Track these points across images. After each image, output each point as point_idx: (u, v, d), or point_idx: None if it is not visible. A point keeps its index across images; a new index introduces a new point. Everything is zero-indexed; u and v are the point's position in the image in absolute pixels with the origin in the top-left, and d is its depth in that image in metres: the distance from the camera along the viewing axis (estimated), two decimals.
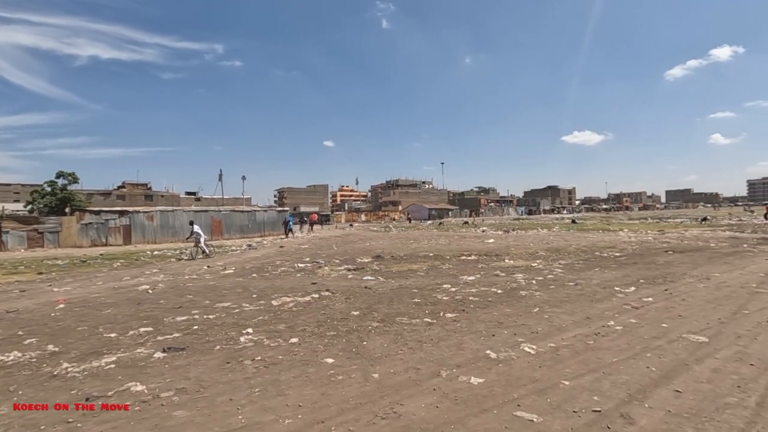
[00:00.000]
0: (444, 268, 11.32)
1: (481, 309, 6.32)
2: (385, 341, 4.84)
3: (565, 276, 9.28)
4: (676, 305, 6.24)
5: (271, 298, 7.76)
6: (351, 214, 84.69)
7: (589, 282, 8.39)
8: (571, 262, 11.81)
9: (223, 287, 9.23)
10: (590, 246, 16.38)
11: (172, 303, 7.60)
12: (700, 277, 8.58)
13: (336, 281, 9.67)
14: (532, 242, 19.10)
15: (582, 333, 4.96)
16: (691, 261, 11.18)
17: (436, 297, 7.35)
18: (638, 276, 8.95)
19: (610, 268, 10.26)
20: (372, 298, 7.47)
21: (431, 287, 8.35)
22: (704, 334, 4.80)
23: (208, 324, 5.94)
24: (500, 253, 14.73)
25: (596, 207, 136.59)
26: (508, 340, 4.75)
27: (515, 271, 10.37)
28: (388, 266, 12.19)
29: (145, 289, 9.16)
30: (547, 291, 7.61)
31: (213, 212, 31.06)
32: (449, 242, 21.02)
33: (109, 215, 26.15)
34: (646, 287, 7.73)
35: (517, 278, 9.09)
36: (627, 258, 12.26)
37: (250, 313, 6.59)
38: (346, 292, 8.23)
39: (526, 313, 5.98)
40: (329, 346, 4.72)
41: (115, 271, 13.06)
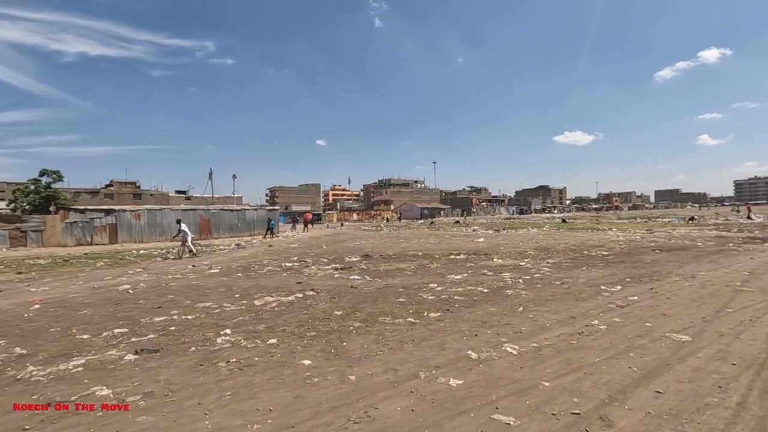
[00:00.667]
0: (432, 267, 11.24)
1: (466, 308, 6.23)
2: (366, 342, 4.73)
3: (552, 275, 9.25)
4: (661, 304, 6.22)
5: (254, 297, 7.61)
6: (343, 214, 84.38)
7: (576, 281, 8.37)
8: (559, 261, 11.80)
9: (206, 287, 9.05)
10: (579, 245, 16.42)
11: (151, 303, 7.41)
12: (686, 276, 8.60)
13: (322, 280, 9.54)
14: (521, 241, 19.12)
15: (566, 332, 4.89)
16: (677, 260, 11.23)
17: (421, 296, 7.26)
18: (625, 275, 8.95)
19: (598, 267, 10.26)
20: (357, 298, 7.35)
21: (417, 286, 8.26)
22: (687, 332, 4.76)
23: (185, 325, 5.78)
24: (489, 252, 14.69)
25: (587, 207, 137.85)
26: (491, 340, 4.67)
27: (503, 270, 10.32)
28: (376, 265, 12.08)
29: (125, 288, 8.95)
30: (533, 290, 7.55)
31: (202, 211, 30.69)
32: (439, 241, 20.97)
33: (94, 214, 25.69)
34: (632, 286, 7.72)
35: (504, 277, 9.03)
36: (614, 257, 12.30)
37: (230, 313, 6.44)
38: (331, 291, 8.10)
39: (511, 313, 5.91)
40: (308, 347, 4.60)
41: (97, 271, 12.78)
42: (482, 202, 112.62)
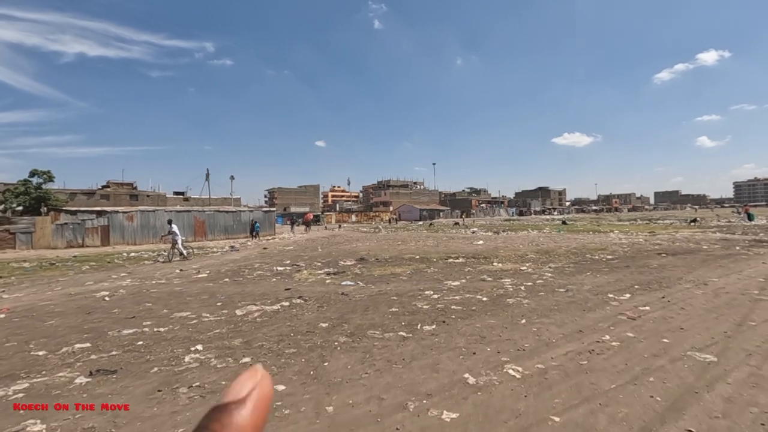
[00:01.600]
0: (429, 272, 10.74)
1: (464, 320, 5.73)
2: (350, 361, 4.22)
3: (555, 281, 8.75)
4: (675, 315, 5.71)
5: (236, 306, 7.10)
6: (341, 215, 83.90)
7: (581, 288, 7.86)
8: (561, 265, 11.30)
9: (189, 293, 8.53)
10: (580, 248, 15.92)
11: (126, 312, 6.89)
12: (697, 283, 8.10)
13: (312, 286, 9.03)
14: (521, 244, 18.62)
15: (573, 350, 4.39)
16: (684, 264, 10.74)
17: (415, 305, 6.75)
18: (632, 281, 8.45)
19: (602, 272, 9.75)
20: (347, 307, 6.84)
21: (412, 294, 7.75)
22: (710, 350, 4.26)
23: (155, 338, 5.27)
24: (488, 256, 14.19)
25: (586, 208, 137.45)
26: (490, 359, 4.16)
27: (503, 275, 9.82)
28: (371, 269, 11.57)
29: (103, 295, 8.43)
30: (535, 298, 7.05)
31: (196, 212, 30.16)
32: (437, 244, 20.46)
33: (86, 215, 25.16)
34: (641, 294, 7.22)
35: (505, 284, 8.53)
36: (619, 261, 11.79)
37: (208, 324, 5.93)
38: (320, 299, 7.59)
39: (512, 325, 5.40)
40: (285, 368, 4.09)
41: (80, 275, 12.26)
42: (482, 204, 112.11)
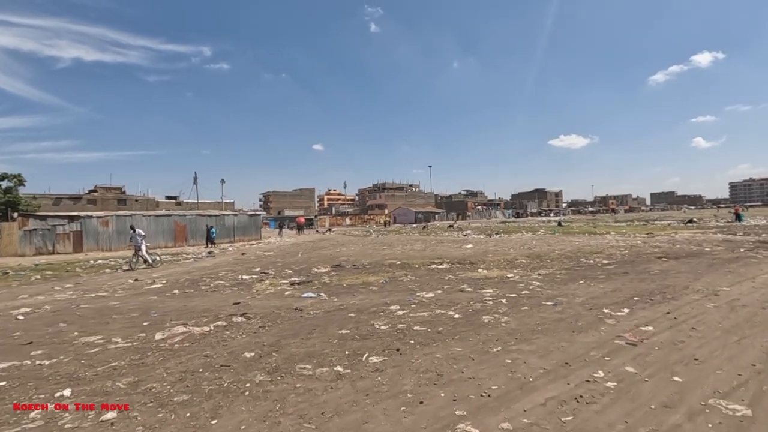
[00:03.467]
0: (404, 281, 9.62)
1: (423, 347, 4.60)
2: (250, 417, 3.09)
3: (544, 291, 7.64)
4: (686, 338, 4.61)
5: (162, 327, 5.95)
6: (335, 218, 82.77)
7: (572, 300, 6.75)
8: (552, 271, 10.20)
9: (120, 310, 7.38)
10: (575, 251, 14.84)
11: (29, 335, 5.74)
12: (706, 292, 7.01)
13: (266, 300, 7.90)
14: (512, 247, 17.52)
15: (556, 395, 3.27)
16: (689, 269, 9.66)
17: (373, 325, 5.62)
18: (631, 291, 7.35)
19: (598, 280, 8.66)
20: (292, 327, 5.72)
21: (375, 309, 6.63)
22: (739, 396, 3.16)
23: (29, 376, 4.12)
24: (475, 261, 13.09)
25: (583, 209, 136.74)
26: (441, 414, 3.03)
27: (486, 284, 8.71)
28: (343, 278, 10.45)
29: (19, 313, 7.26)
30: (517, 315, 5.93)
31: (177, 217, 28.96)
32: (425, 247, 19.35)
33: (56, 221, 23.92)
34: (643, 307, 6.12)
35: (485, 295, 7.41)
36: (616, 266, 10.71)
37: (110, 354, 4.78)
38: (267, 316, 6.46)
39: (482, 354, 4.28)
40: (158, 427, 2.96)
41: (24, 286, 11.09)
42: (478, 206, 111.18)
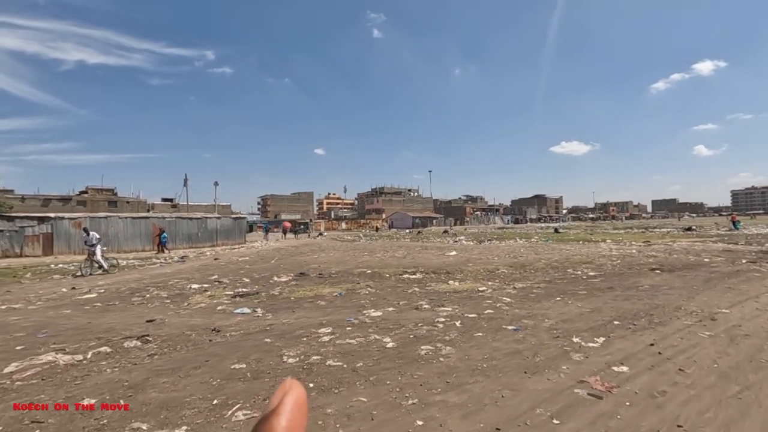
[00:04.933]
0: (362, 294, 8.50)
1: (321, 393, 3.47)
2: None
3: (510, 311, 6.51)
4: (670, 387, 3.48)
5: (35, 353, 4.85)
6: (331, 222, 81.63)
7: (539, 324, 5.62)
8: (530, 284, 9.06)
9: (11, 327, 6.27)
10: (563, 261, 13.70)
11: None
12: (701, 315, 5.88)
13: (189, 317, 6.78)
14: (498, 255, 16.38)
15: None
16: (683, 284, 8.52)
17: (281, 357, 4.50)
18: (612, 312, 6.22)
19: (577, 297, 7.53)
20: (185, 357, 4.61)
21: (301, 333, 5.50)
22: None
23: None
24: (452, 271, 11.97)
25: (583, 216, 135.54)
26: None
27: (450, 299, 7.59)
28: (297, 290, 9.33)
29: None
30: (466, 343, 4.81)
31: (155, 219, 27.88)
32: (406, 254, 18.22)
33: (25, 222, 22.84)
34: (622, 335, 4.99)
35: (440, 315, 6.28)
36: (603, 279, 9.56)
37: None
38: (172, 339, 5.36)
39: (389, 410, 3.15)
40: None
41: None
42: (476, 211, 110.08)
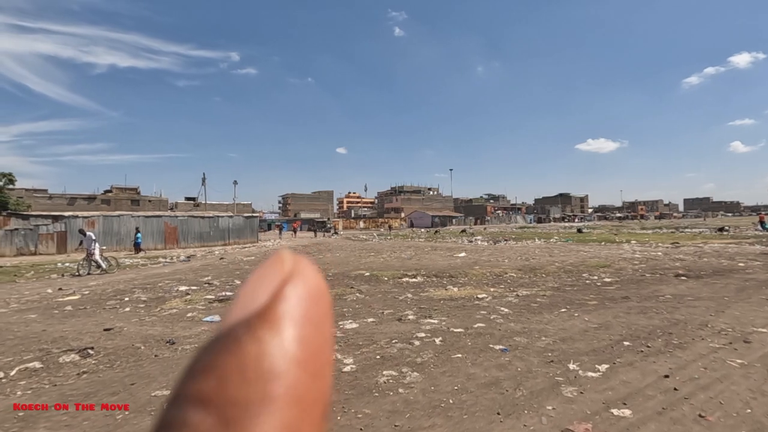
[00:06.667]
0: (347, 301, 7.83)
1: None
2: None
3: (505, 324, 5.70)
4: None
5: None
6: (349, 221, 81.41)
7: (532, 343, 4.80)
8: (535, 291, 8.18)
9: None
10: (578, 264, 12.65)
11: None
12: (732, 336, 4.92)
13: (151, 325, 6.27)
14: (509, 257, 15.40)
15: None
16: (712, 294, 7.47)
17: None
18: (623, 329, 5.32)
19: (585, 308, 6.62)
20: (113, 378, 4.05)
21: None
22: None
23: None
24: (456, 274, 11.15)
25: (609, 215, 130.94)
26: None
27: (441, 309, 6.82)
28: None
29: None
30: (437, 369, 4.05)
31: (167, 218, 28.01)
32: (413, 255, 17.45)
33: (40, 220, 23.26)
34: (631, 362, 4.12)
35: (421, 329, 5.52)
36: (618, 287, 8.57)
37: None
38: (117, 353, 4.84)
39: None
40: None
41: None
42: (497, 210, 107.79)
